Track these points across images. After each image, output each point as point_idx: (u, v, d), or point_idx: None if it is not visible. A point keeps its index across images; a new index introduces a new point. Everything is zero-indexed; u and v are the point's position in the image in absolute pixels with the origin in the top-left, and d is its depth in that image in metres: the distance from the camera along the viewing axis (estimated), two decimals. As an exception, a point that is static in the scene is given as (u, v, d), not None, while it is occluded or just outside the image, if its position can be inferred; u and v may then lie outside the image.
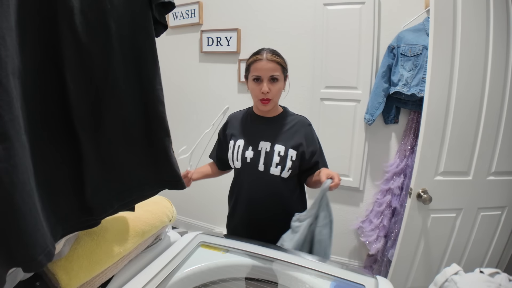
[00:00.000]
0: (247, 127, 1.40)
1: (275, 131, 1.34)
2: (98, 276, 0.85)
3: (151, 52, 0.79)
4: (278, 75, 1.28)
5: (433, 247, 1.64)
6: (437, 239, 1.63)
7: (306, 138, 1.33)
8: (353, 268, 1.03)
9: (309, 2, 2.23)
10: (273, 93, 1.28)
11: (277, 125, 1.36)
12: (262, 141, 1.33)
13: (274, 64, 1.27)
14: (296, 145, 1.30)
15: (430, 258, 1.66)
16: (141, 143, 0.80)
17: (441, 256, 1.67)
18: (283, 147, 1.29)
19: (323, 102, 2.26)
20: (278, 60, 1.29)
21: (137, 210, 0.88)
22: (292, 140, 1.31)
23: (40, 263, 0.53)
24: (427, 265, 1.67)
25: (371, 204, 2.27)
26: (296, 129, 1.34)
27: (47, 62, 0.60)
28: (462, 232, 1.63)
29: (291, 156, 1.29)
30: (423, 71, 1.81)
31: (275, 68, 1.27)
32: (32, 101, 0.56)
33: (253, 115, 1.42)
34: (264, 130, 1.36)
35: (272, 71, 1.27)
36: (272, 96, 1.28)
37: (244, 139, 1.36)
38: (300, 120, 1.38)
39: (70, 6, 0.60)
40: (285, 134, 1.33)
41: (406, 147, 2.04)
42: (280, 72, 1.29)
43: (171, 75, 2.88)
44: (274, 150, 1.30)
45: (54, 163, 0.62)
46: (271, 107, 1.33)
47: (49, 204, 0.60)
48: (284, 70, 1.32)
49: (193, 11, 2.66)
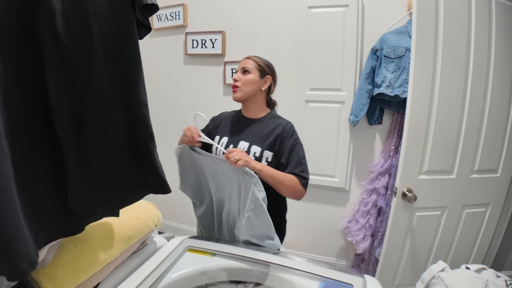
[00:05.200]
0: (233, 126, 1.46)
1: (255, 132, 1.38)
2: (84, 283, 0.83)
3: (134, 55, 0.78)
4: (250, 68, 1.39)
5: (419, 245, 1.67)
6: (423, 237, 1.66)
7: (280, 138, 1.34)
8: (341, 268, 1.03)
9: (294, 5, 2.25)
10: (242, 81, 1.38)
11: (259, 126, 1.40)
12: (242, 141, 1.37)
13: (249, 60, 1.41)
14: (271, 146, 1.33)
15: (416, 256, 1.69)
16: (125, 147, 0.79)
17: (428, 253, 1.70)
18: (260, 148, 1.33)
19: (308, 104, 2.28)
20: (254, 59, 1.41)
21: (122, 215, 0.86)
22: (268, 141, 1.33)
23: (23, 272, 0.52)
24: (414, 263, 1.70)
25: (357, 204, 2.29)
26: (275, 131, 1.36)
27: (28, 65, 0.58)
28: (447, 230, 1.66)
29: (267, 157, 1.32)
30: (406, 72, 1.85)
31: (249, 62, 1.40)
32: (12, 105, 0.55)
33: (240, 116, 1.48)
34: (246, 130, 1.40)
35: (245, 64, 1.40)
36: (240, 84, 1.38)
37: (228, 137, 1.42)
38: (282, 123, 1.39)
39: (51, 8, 0.59)
40: (264, 136, 1.35)
41: (391, 147, 2.08)
42: (253, 67, 1.39)
43: (156, 78, 2.85)
44: (250, 150, 1.33)
45: (36, 168, 0.61)
46: (239, 95, 1.39)
47: (31, 211, 0.58)
48: (260, 68, 1.40)
49: (178, 13, 2.64)
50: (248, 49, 2.45)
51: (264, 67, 1.41)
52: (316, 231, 2.50)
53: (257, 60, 1.41)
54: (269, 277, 1.02)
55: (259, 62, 1.41)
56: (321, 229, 2.47)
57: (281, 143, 1.33)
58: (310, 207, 2.48)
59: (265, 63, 1.43)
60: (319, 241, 2.50)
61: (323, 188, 2.38)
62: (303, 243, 2.56)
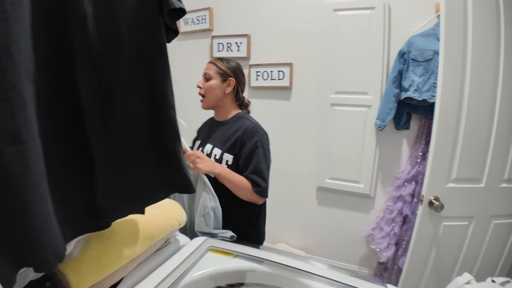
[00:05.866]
0: (207, 131, 1.52)
1: (219, 135, 1.40)
2: (107, 278, 0.85)
3: (163, 58, 0.80)
4: (211, 74, 1.40)
5: (445, 255, 1.61)
6: (448, 247, 1.60)
7: (240, 141, 1.32)
8: (363, 276, 1.02)
9: (319, 8, 2.24)
10: (205, 89, 1.41)
11: (224, 129, 1.41)
12: (208, 144, 1.41)
13: (210, 64, 1.42)
14: (230, 149, 1.33)
15: (441, 266, 1.63)
16: (152, 147, 0.81)
17: (453, 264, 1.63)
18: (220, 150, 1.35)
19: (333, 108, 2.26)
20: (214, 62, 1.42)
21: (147, 213, 0.88)
22: (228, 144, 1.33)
23: (50, 264, 0.54)
24: (438, 274, 1.64)
25: (382, 211, 2.24)
26: (236, 133, 1.34)
27: (60, 66, 0.61)
28: (474, 241, 1.59)
29: (227, 160, 1.32)
30: (434, 76, 1.80)
31: (209, 67, 1.41)
32: (45, 104, 0.57)
33: (213, 120, 1.53)
34: (213, 133, 1.44)
35: (206, 70, 1.42)
36: (204, 92, 1.41)
37: (200, 141, 1.48)
38: (244, 124, 1.37)
39: (83, 12, 0.61)
40: (225, 138, 1.36)
41: (418, 153, 2.02)
42: (214, 71, 1.40)
43: (182, 81, 2.90)
44: (211, 153, 1.36)
45: (66, 165, 0.63)
46: (205, 105, 1.44)
47: (60, 206, 0.61)
48: (220, 72, 1.39)
49: (204, 17, 2.69)
50: (273, 52, 2.46)
51: (225, 70, 1.40)
52: (339, 237, 2.46)
53: (217, 63, 1.41)
54: (289, 281, 1.01)
55: (219, 65, 1.40)
56: (344, 236, 2.43)
57: (241, 146, 1.32)
58: (333, 212, 2.45)
59: (227, 66, 1.41)
60: (341, 248, 2.46)
61: (348, 194, 2.34)
62: (324, 248, 2.53)
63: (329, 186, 2.40)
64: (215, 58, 1.44)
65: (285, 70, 2.41)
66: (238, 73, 1.44)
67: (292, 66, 2.39)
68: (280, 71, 2.43)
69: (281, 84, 2.44)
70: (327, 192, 2.45)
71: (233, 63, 1.44)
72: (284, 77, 2.43)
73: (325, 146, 2.35)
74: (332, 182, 2.38)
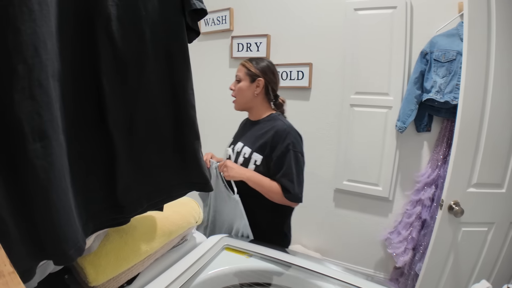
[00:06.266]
0: (240, 128, 1.56)
1: (251, 134, 1.41)
2: (125, 272, 0.87)
3: (184, 58, 0.81)
4: (240, 76, 1.42)
5: (463, 262, 1.57)
6: (467, 253, 1.56)
7: (271, 143, 1.30)
8: (379, 280, 1.00)
9: (339, 7, 2.21)
10: (236, 92, 1.44)
11: (256, 128, 1.42)
12: (239, 142, 1.43)
13: (240, 66, 1.44)
14: (260, 149, 1.32)
15: (459, 273, 1.58)
16: (172, 145, 0.82)
17: (470, 271, 1.58)
18: (250, 149, 1.35)
19: (353, 108, 2.23)
20: (244, 64, 1.43)
21: (165, 210, 0.89)
22: (258, 144, 1.33)
23: (70, 257, 0.55)
24: (455, 281, 1.59)
25: (400, 215, 2.20)
26: (267, 134, 1.33)
27: (85, 65, 0.63)
28: (493, 247, 1.54)
29: (255, 160, 1.32)
30: (457, 77, 1.75)
31: (240, 69, 1.43)
32: (70, 102, 0.59)
33: (247, 119, 1.55)
34: (246, 132, 1.46)
35: (237, 72, 1.44)
36: (235, 94, 1.44)
37: (233, 140, 1.51)
38: (275, 126, 1.34)
39: (107, 13, 0.63)
40: (256, 138, 1.36)
41: (439, 157, 1.97)
42: (243, 73, 1.41)
43: (202, 80, 2.93)
44: (241, 151, 1.37)
45: (88, 162, 0.65)
46: (236, 106, 1.47)
47: (81, 201, 0.63)
48: (249, 73, 1.40)
49: (224, 17, 2.71)
50: (292, 52, 2.46)
51: (254, 71, 1.39)
52: (355, 240, 2.43)
53: (246, 64, 1.42)
54: (303, 283, 1.01)
55: (248, 67, 1.40)
56: (360, 239, 2.40)
57: (272, 148, 1.30)
58: (350, 215, 2.42)
59: (256, 66, 1.40)
60: (357, 251, 2.43)
61: (366, 196, 2.31)
62: (340, 251, 2.51)
63: (347, 188, 2.38)
64: (246, 60, 1.45)
65: (304, 70, 2.40)
66: (267, 73, 1.43)
67: (312, 66, 2.37)
68: (300, 71, 2.42)
69: (300, 84, 2.44)
70: (345, 194, 2.42)
71: (263, 63, 1.43)
72: (303, 77, 2.42)
73: (343, 147, 2.32)
74: (350, 184, 2.35)
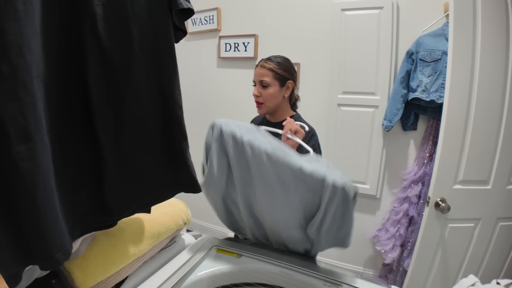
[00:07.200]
0: None
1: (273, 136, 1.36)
2: (113, 276, 0.86)
3: (171, 58, 0.80)
4: (268, 81, 1.33)
5: (450, 257, 1.60)
6: (454, 249, 1.59)
7: None
8: (368, 278, 1.01)
9: (327, 8, 2.22)
10: (264, 97, 1.35)
11: None
12: None
13: (265, 70, 1.34)
14: None
15: (447, 268, 1.61)
16: (159, 146, 0.82)
17: (458, 266, 1.62)
18: None
19: (340, 108, 2.25)
20: (269, 66, 1.34)
21: (153, 212, 0.89)
22: None
23: (57, 261, 0.55)
24: (443, 276, 1.62)
25: (387, 213, 2.23)
26: None
27: (70, 66, 0.62)
28: (480, 243, 1.58)
29: None
30: (443, 77, 1.78)
31: (265, 73, 1.34)
32: (55, 103, 0.58)
33: (265, 119, 1.49)
34: None
35: (262, 76, 1.34)
36: (263, 100, 1.35)
37: None
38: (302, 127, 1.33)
39: (93, 13, 0.62)
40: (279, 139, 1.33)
41: (425, 155, 2.00)
42: (271, 78, 1.33)
43: (189, 81, 2.91)
44: None
45: (74, 164, 0.64)
46: (264, 111, 1.39)
47: (68, 204, 0.61)
48: (278, 76, 1.34)
49: (212, 17, 2.69)
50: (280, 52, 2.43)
51: (283, 73, 1.35)
52: (344, 237, 2.44)
53: (272, 67, 1.34)
54: (293, 281, 1.01)
55: (275, 70, 1.34)
56: (350, 236, 2.42)
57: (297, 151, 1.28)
58: (338, 213, 2.44)
59: (282, 68, 1.35)
60: (346, 249, 2.45)
61: (353, 194, 2.33)
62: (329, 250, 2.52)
63: (334, 186, 2.38)
64: (267, 62, 1.36)
65: (292, 70, 2.40)
66: (293, 72, 1.40)
67: (299, 66, 2.38)
68: (287, 71, 2.41)
69: (288, 84, 2.43)
70: (333, 193, 2.43)
71: (284, 62, 1.38)
72: (291, 77, 2.41)
73: (331, 146, 2.34)
74: (338, 182, 2.36)
